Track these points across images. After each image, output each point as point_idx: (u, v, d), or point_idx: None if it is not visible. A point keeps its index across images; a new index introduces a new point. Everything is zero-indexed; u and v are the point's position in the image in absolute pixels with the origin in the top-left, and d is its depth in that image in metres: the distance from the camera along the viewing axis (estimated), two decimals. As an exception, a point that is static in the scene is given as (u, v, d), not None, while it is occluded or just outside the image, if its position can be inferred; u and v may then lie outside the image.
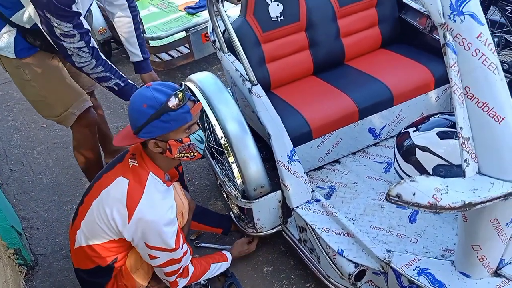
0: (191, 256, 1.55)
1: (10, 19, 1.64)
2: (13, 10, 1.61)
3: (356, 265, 1.45)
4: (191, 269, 1.56)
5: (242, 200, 1.72)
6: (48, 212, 2.30)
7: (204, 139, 1.44)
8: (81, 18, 1.55)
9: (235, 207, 1.89)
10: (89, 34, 1.59)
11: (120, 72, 1.74)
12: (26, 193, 2.43)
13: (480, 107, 0.96)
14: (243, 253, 1.82)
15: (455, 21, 0.95)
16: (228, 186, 1.90)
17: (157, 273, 1.54)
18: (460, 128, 0.97)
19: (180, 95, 1.31)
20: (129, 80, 1.77)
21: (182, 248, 1.46)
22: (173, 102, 1.29)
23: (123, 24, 1.87)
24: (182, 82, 1.40)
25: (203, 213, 1.86)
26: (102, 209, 1.39)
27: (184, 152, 1.39)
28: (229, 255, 1.74)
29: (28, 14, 1.61)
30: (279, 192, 1.71)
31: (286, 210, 1.75)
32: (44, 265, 2.01)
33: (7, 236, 1.87)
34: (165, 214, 1.38)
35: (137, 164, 1.41)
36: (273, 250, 1.89)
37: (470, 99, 0.96)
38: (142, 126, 1.31)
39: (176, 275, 1.50)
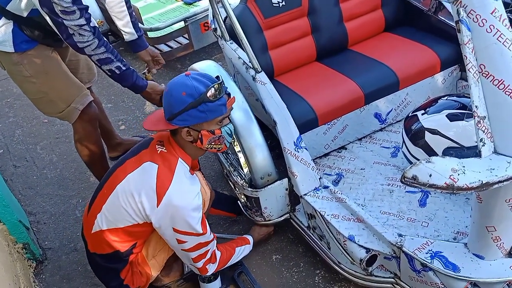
0: (215, 243, 1.57)
1: (6, 8, 1.60)
2: None
3: (367, 250, 1.44)
4: (218, 254, 1.58)
5: (249, 189, 1.71)
6: (54, 206, 2.29)
7: (233, 133, 1.47)
8: None
9: (243, 196, 1.88)
10: (89, 12, 1.56)
11: (121, 56, 1.71)
12: (31, 188, 2.42)
13: (496, 85, 0.94)
14: (262, 233, 1.82)
15: (468, -4, 0.93)
16: (234, 176, 1.88)
17: (184, 260, 1.56)
18: (476, 107, 0.95)
19: (218, 87, 1.34)
20: (129, 65, 1.74)
21: (210, 233, 1.48)
22: (211, 93, 1.33)
23: (115, 4, 1.83)
24: (219, 75, 1.42)
25: (218, 199, 1.86)
26: (128, 193, 1.39)
27: (213, 143, 1.42)
28: (250, 238, 1.76)
29: (25, 0, 1.57)
30: (285, 180, 1.69)
31: (294, 198, 1.74)
32: (53, 259, 2.01)
33: (15, 230, 1.86)
34: (193, 200, 1.40)
35: (165, 150, 1.43)
36: (281, 238, 1.89)
37: (486, 77, 0.94)
38: (178, 113, 1.33)
39: (204, 260, 1.51)
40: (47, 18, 1.53)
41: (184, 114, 1.33)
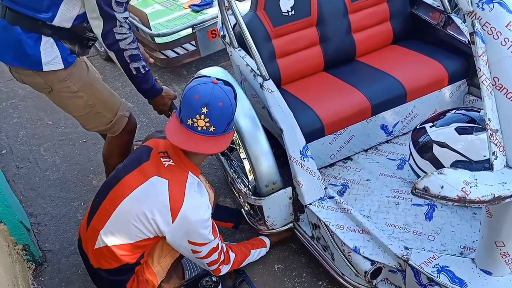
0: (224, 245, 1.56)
1: (52, 24, 1.54)
2: (50, 12, 1.52)
3: (372, 262, 1.42)
4: (232, 255, 1.58)
5: (252, 197, 1.70)
6: (56, 208, 2.27)
7: None
8: None
9: (246, 204, 1.87)
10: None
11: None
12: (33, 190, 2.41)
13: (510, 98, 0.93)
14: (279, 236, 1.81)
15: (483, 9, 0.93)
16: (238, 183, 1.87)
17: (199, 264, 1.57)
18: (489, 119, 0.94)
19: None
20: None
21: (218, 236, 1.49)
22: None
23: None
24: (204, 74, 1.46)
25: (216, 208, 1.84)
26: (139, 211, 1.35)
27: None
28: (267, 240, 1.76)
29: (68, 8, 1.52)
30: (289, 189, 1.68)
31: (298, 207, 1.72)
32: (53, 261, 1.99)
33: (16, 231, 1.84)
34: (206, 212, 1.39)
35: (173, 164, 1.39)
36: (284, 248, 1.87)
37: (499, 90, 0.94)
38: (232, 117, 1.37)
39: (219, 263, 1.51)
40: (97, 10, 1.48)
41: (234, 115, 1.38)
